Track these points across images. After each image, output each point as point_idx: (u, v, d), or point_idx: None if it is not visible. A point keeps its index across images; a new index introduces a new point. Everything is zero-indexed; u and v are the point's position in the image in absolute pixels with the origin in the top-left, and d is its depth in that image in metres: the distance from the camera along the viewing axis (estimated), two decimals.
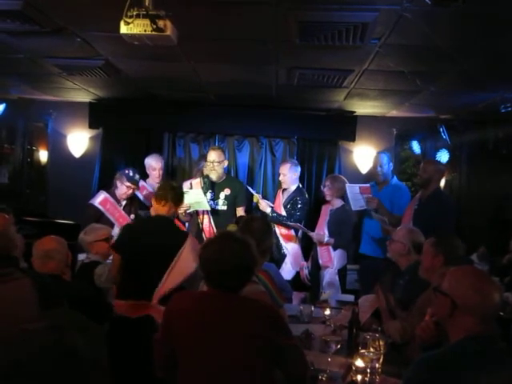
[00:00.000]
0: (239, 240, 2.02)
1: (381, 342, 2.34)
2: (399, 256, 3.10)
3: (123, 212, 4.47)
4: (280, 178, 4.82)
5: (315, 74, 3.96)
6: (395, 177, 4.78)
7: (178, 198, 3.21)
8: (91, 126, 5.78)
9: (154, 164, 4.84)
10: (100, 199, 4.47)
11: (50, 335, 0.95)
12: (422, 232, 3.11)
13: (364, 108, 5.34)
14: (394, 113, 5.45)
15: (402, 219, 4.15)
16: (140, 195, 4.72)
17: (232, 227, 3.41)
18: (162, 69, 4.12)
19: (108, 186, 4.68)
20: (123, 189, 4.49)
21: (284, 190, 4.85)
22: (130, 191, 4.51)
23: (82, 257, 3.52)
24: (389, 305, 2.81)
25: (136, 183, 4.52)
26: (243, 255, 1.97)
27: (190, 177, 5.12)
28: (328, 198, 4.64)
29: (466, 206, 5.40)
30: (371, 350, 2.29)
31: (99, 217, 4.40)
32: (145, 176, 4.92)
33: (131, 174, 4.51)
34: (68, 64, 4.02)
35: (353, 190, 4.48)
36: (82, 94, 5.32)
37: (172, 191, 3.17)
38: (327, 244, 4.51)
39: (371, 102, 4.94)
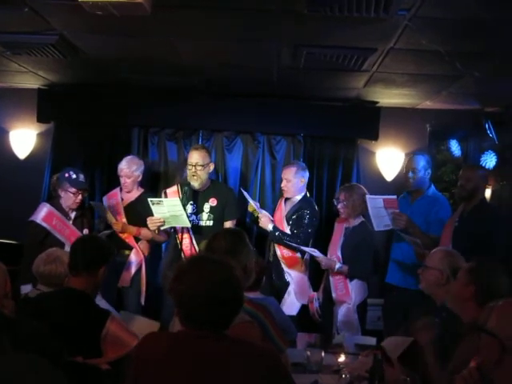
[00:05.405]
0: (218, 264, 2.01)
1: None
2: (435, 287, 3.10)
3: (73, 227, 4.49)
4: (282, 185, 4.84)
5: (327, 54, 3.98)
6: (433, 186, 4.75)
7: (95, 263, 2.84)
8: (40, 119, 5.79)
9: (119, 167, 4.80)
10: (43, 214, 4.49)
11: None
12: (465, 256, 3.10)
13: (389, 98, 5.37)
14: (427, 104, 5.47)
15: (441, 241, 4.15)
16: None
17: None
18: (131, 47, 4.14)
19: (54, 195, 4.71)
20: (69, 197, 4.54)
21: (287, 199, 4.87)
22: (79, 197, 4.55)
23: (26, 288, 3.49)
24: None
25: (84, 185, 4.57)
26: (226, 283, 1.95)
27: (166, 186, 5.12)
28: (343, 216, 4.64)
29: None
30: None
31: (45, 236, 4.39)
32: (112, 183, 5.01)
33: (74, 175, 4.54)
34: (13, 40, 4.03)
35: (375, 203, 4.37)
36: (29, 78, 5.33)
37: (84, 254, 2.82)
38: (341, 273, 4.50)
39: (398, 89, 4.96)
